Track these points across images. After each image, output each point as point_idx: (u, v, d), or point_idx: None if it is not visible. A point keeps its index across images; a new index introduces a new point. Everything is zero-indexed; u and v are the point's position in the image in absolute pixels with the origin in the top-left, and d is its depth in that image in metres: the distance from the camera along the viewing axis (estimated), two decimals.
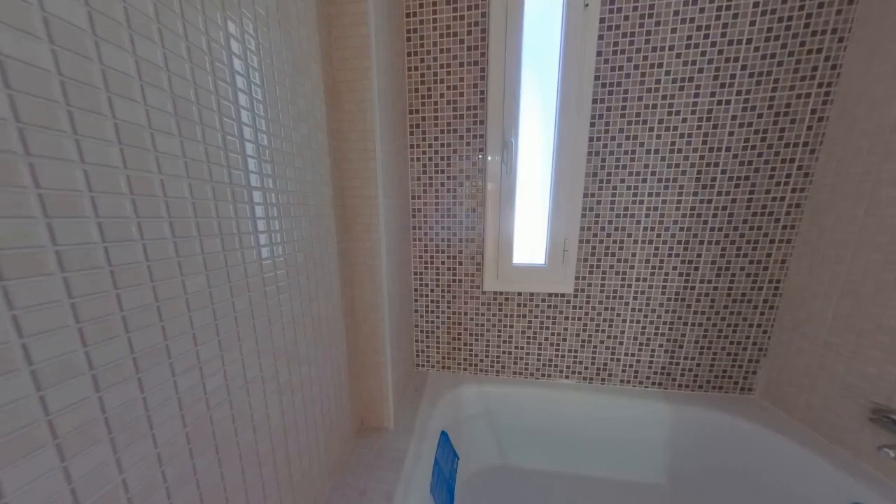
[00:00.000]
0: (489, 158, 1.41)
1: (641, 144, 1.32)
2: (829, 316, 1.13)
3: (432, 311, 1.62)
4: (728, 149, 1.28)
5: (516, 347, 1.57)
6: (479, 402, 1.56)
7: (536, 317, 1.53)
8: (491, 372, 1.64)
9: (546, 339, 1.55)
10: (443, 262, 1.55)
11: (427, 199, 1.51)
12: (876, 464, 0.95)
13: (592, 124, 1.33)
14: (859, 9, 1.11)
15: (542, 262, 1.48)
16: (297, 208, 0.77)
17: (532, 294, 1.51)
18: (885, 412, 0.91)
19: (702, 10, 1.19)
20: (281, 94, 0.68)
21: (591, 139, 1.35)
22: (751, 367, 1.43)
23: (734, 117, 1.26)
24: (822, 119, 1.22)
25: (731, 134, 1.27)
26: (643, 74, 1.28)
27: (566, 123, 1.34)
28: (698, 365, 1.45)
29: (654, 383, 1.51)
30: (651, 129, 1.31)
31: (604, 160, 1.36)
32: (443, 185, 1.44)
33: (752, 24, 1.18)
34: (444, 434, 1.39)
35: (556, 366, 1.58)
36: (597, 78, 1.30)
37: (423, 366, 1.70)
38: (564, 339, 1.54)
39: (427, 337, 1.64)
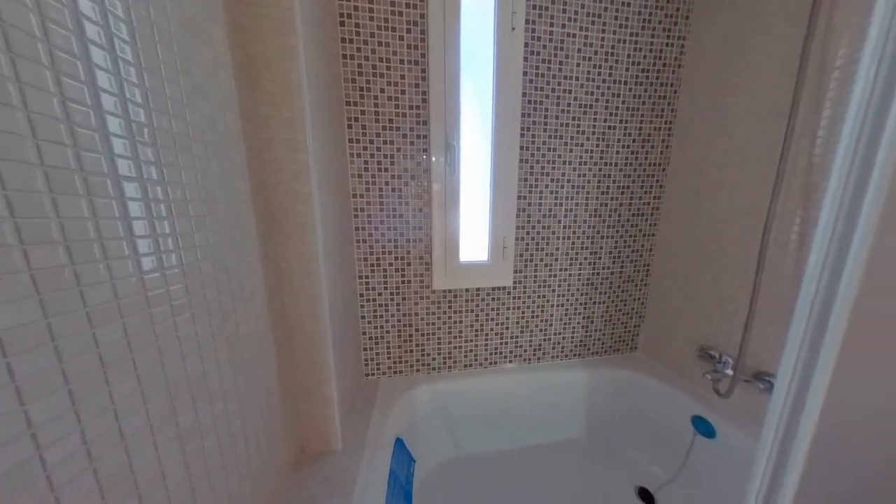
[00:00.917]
0: (433, 159, 1.13)
1: (559, 156, 1.23)
2: (677, 289, 1.26)
3: (381, 316, 1.23)
4: (616, 164, 1.27)
5: (466, 341, 1.30)
6: (434, 400, 1.24)
7: (482, 310, 1.29)
8: (443, 369, 1.32)
9: (492, 329, 1.32)
10: (390, 264, 1.19)
11: (371, 198, 1.13)
12: (704, 386, 1.09)
13: (522, 135, 1.18)
14: (684, 73, 1.24)
15: (486, 258, 1.26)
16: (199, 206, 0.46)
17: (478, 289, 1.27)
18: (706, 349, 1.09)
19: (595, 53, 1.16)
20: (166, 60, 0.41)
21: (521, 148, 1.19)
22: (636, 331, 1.47)
23: (619, 140, 1.26)
24: (668, 147, 1.30)
25: (617, 153, 1.26)
26: (559, 97, 1.18)
27: (501, 132, 1.15)
28: (604, 334, 1.43)
29: (575, 354, 1.42)
30: (565, 144, 1.22)
31: (532, 167, 1.22)
32: (387, 183, 1.08)
33: (627, 70, 1.19)
34: (399, 441, 1.04)
35: (501, 353, 1.36)
36: (524, 95, 1.15)
37: (373, 374, 1.28)
38: (507, 328, 1.33)
39: (376, 343, 1.22)
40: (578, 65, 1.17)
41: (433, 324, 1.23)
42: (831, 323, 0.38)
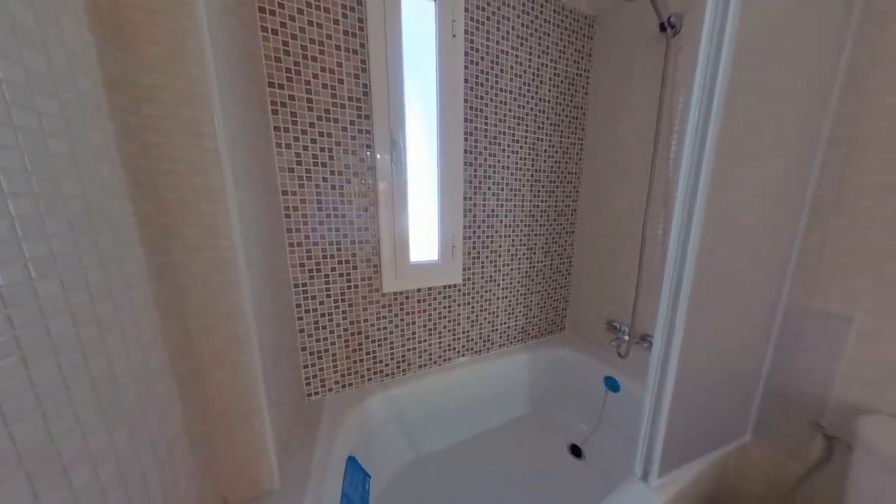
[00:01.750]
0: (378, 156, 0.85)
1: (499, 161, 1.06)
2: (590, 277, 1.24)
3: (324, 327, 0.88)
4: (544, 171, 1.16)
5: (420, 342, 1.03)
6: (388, 408, 0.95)
7: (435, 309, 1.05)
8: (398, 373, 1.03)
9: (445, 326, 1.09)
10: (333, 269, 0.85)
11: (306, 196, 0.80)
12: (610, 352, 1.08)
13: (466, 139, 0.98)
14: (589, 99, 1.20)
15: (436, 258, 1.01)
16: (29, 201, 0.24)
17: (430, 288, 1.02)
18: (611, 322, 1.10)
19: (525, 72, 1.03)
20: None
21: (465, 151, 0.99)
22: (563, 314, 1.38)
23: (545, 150, 1.15)
24: (581, 159, 1.24)
25: (544, 161, 1.15)
26: (496, 107, 1.01)
27: (447, 135, 0.93)
28: (540, 320, 1.30)
29: (518, 340, 1.27)
30: (503, 151, 1.06)
31: (476, 170, 1.02)
32: (325, 180, 0.75)
33: (549, 91, 1.09)
34: (351, 460, 0.76)
35: (454, 348, 1.13)
36: (466, 101, 0.95)
37: (317, 393, 0.92)
38: (458, 324, 1.11)
39: (319, 359, 0.87)
40: (511, 80, 1.02)
41: (385, 328, 0.90)
42: (681, 295, 0.47)
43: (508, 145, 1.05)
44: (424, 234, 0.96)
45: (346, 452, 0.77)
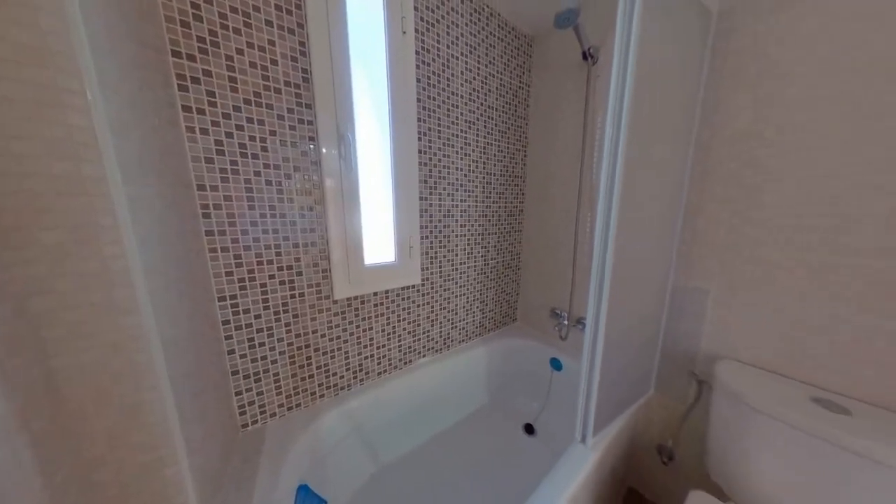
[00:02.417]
0: (324, 151, 0.77)
1: (453, 163, 1.08)
2: (536, 270, 1.36)
3: (262, 344, 0.76)
4: (494, 174, 1.23)
5: (378, 347, 0.96)
6: (345, 423, 0.88)
7: (394, 312, 1.01)
8: (354, 384, 0.96)
9: (404, 329, 1.06)
10: (272, 276, 0.73)
11: (233, 192, 0.68)
12: (554, 336, 1.21)
13: (419, 139, 0.97)
14: (530, 111, 1.31)
15: (393, 259, 0.97)
16: None
17: (387, 291, 0.98)
18: (553, 310, 1.23)
19: (475, 78, 1.07)
20: None
21: (420, 151, 0.98)
22: (515, 305, 1.48)
23: (495, 155, 1.22)
24: (525, 165, 1.35)
25: (494, 165, 1.22)
26: (448, 109, 1.03)
27: (400, 133, 0.91)
28: (495, 313, 1.37)
29: (476, 335, 1.31)
30: (457, 153, 1.09)
31: (430, 171, 1.03)
32: (259, 174, 0.62)
33: (497, 99, 1.16)
34: (301, 489, 0.68)
35: (414, 350, 1.11)
36: (419, 100, 0.95)
37: (255, 422, 0.78)
38: (419, 325, 1.10)
39: (257, 381, 0.76)
40: (462, 85, 1.05)
41: (338, 338, 0.82)
42: (605, 282, 0.56)
43: (461, 148, 1.08)
44: (380, 235, 0.92)
45: (296, 482, 0.68)
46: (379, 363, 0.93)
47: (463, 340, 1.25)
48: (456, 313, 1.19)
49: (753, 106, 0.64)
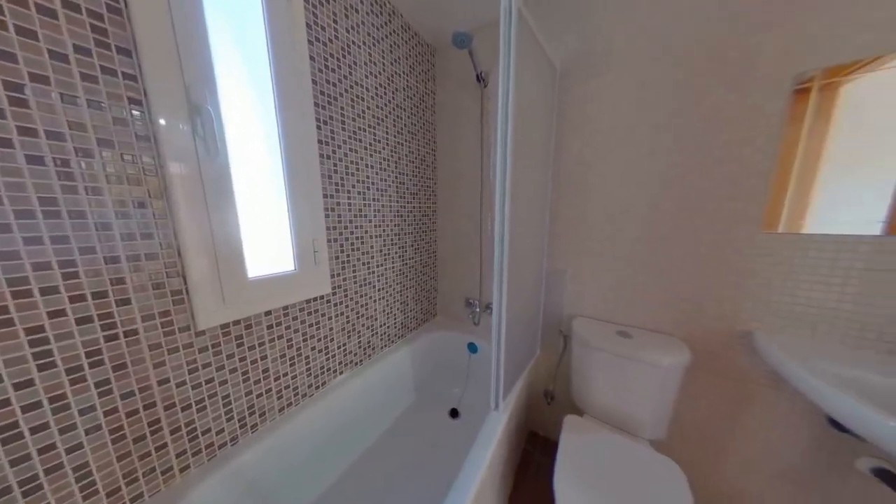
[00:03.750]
0: (162, 122, 0.54)
1: (362, 159, 1.01)
2: (450, 265, 1.46)
3: (39, 429, 0.44)
4: (407, 174, 1.23)
5: (277, 378, 0.76)
6: (230, 489, 0.66)
7: (297, 330, 0.84)
8: (244, 432, 0.72)
9: (313, 347, 0.90)
10: (58, 313, 0.44)
11: None
12: (468, 322, 1.34)
13: (319, 128, 0.86)
14: (437, 117, 1.38)
15: (293, 268, 0.80)
16: None
17: (286, 307, 0.81)
18: (467, 299, 1.34)
19: (381, 73, 1.04)
20: None
21: (321, 142, 0.86)
22: (434, 301, 1.53)
23: (407, 155, 1.23)
24: (436, 168, 1.43)
25: (406, 165, 1.23)
26: (353, 100, 0.96)
27: (291, 116, 0.76)
28: (416, 312, 1.38)
29: (399, 337, 1.29)
30: (365, 149, 1.02)
31: (335, 165, 0.92)
32: (12, 145, 0.32)
33: (405, 100, 1.17)
34: None
35: (329, 368, 0.97)
36: (315, 82, 0.83)
37: None
38: (332, 339, 0.97)
39: (37, 490, 0.37)
40: (367, 77, 0.99)
41: (209, 381, 0.60)
42: (504, 270, 0.68)
43: (371, 144, 1.02)
44: (272, 240, 0.73)
45: None
46: (280, 397, 0.75)
47: (385, 346, 1.20)
48: (376, 319, 1.12)
49: (581, 143, 0.92)
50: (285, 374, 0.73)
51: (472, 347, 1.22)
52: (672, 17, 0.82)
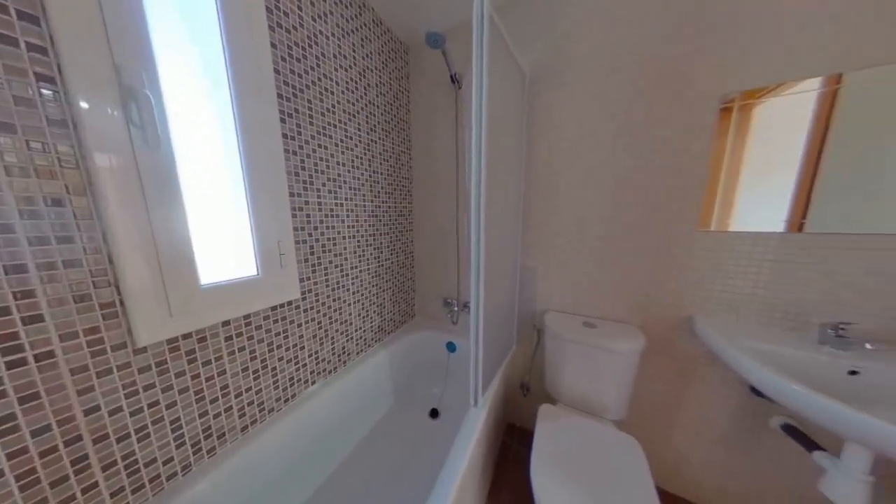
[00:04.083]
0: (83, 105, 0.45)
1: (332, 155, 0.97)
2: (428, 266, 1.45)
3: None
4: (381, 173, 1.20)
5: (239, 394, 0.69)
6: None
7: (261, 340, 0.76)
8: (198, 458, 0.64)
9: (280, 358, 0.83)
10: None
11: None
12: (447, 321, 1.36)
13: (284, 121, 0.80)
14: (412, 115, 1.37)
15: (255, 272, 0.73)
16: None
17: (247, 315, 0.73)
18: (446, 299, 1.35)
19: (352, 67, 1.00)
20: None
21: (286, 136, 0.81)
22: (412, 303, 1.51)
23: (381, 153, 1.20)
24: (412, 167, 1.41)
25: (380, 164, 1.19)
26: (321, 93, 0.91)
27: (248, 107, 0.69)
28: (394, 314, 1.35)
29: (376, 341, 1.25)
30: (336, 145, 0.98)
31: (303, 161, 0.87)
32: None
33: (378, 96, 1.14)
34: None
35: (299, 380, 0.91)
36: (278, 72, 0.77)
37: None
38: (302, 347, 0.90)
39: None
40: (337, 71, 0.94)
41: (154, 404, 0.53)
42: (480, 269, 0.69)
43: (342, 140, 0.98)
44: (230, 242, 0.66)
45: None
46: (242, 415, 0.68)
47: (361, 350, 1.15)
48: (351, 323, 1.07)
49: (548, 147, 0.97)
50: (248, 389, 0.67)
51: (451, 347, 1.25)
52: (623, 36, 0.91)
